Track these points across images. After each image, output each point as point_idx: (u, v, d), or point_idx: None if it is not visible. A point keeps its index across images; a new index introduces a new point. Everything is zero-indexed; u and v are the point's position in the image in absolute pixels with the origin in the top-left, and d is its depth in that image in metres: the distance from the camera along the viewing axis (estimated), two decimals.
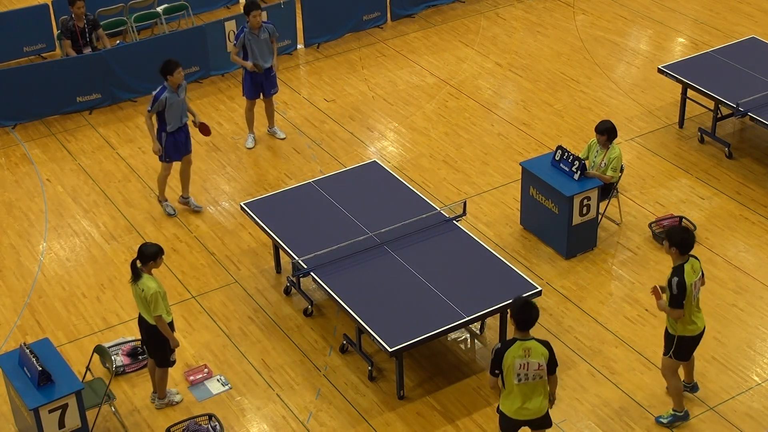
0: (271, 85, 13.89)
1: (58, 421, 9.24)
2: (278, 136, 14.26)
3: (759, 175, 13.34)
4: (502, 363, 8.57)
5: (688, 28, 16.95)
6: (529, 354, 8.53)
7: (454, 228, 11.34)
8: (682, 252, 9.25)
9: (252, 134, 14.15)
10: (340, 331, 11.10)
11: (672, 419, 9.92)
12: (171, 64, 12.18)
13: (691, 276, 9.25)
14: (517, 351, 8.53)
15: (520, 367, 8.54)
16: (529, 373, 8.58)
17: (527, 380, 8.61)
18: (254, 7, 13.44)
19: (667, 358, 9.62)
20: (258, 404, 10.35)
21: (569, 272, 11.88)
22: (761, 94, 13.35)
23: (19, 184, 13.68)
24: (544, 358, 8.58)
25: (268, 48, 13.67)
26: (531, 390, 8.68)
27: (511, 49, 16.48)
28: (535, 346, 8.56)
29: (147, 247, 9.62)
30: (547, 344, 8.66)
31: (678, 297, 9.20)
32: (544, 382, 8.70)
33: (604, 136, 11.88)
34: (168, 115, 12.24)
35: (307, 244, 11.01)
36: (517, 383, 8.61)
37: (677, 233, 9.30)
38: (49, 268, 12.19)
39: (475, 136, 14.33)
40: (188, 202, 12.94)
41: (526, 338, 8.57)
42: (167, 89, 12.14)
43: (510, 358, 8.54)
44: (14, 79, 14.68)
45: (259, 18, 13.44)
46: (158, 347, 9.82)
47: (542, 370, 8.60)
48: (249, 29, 13.47)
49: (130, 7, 16.52)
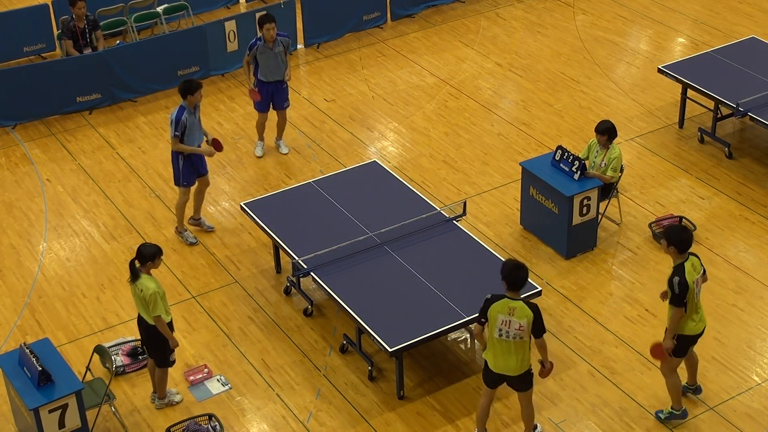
0: (282, 98, 13.56)
1: (58, 421, 9.24)
2: (281, 150, 13.96)
3: (759, 175, 13.35)
4: (488, 312, 9.00)
5: (688, 28, 16.95)
6: (513, 313, 8.90)
7: (454, 228, 11.34)
8: (681, 251, 9.26)
9: (262, 142, 13.93)
10: (340, 331, 11.10)
11: (669, 416, 9.92)
12: (193, 84, 11.75)
13: (692, 274, 9.26)
14: (503, 307, 8.92)
15: (502, 323, 8.93)
16: (510, 331, 8.94)
17: (507, 338, 8.98)
18: (268, 20, 13.04)
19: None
20: (258, 404, 10.35)
21: (569, 272, 11.88)
22: (761, 94, 13.35)
23: (19, 184, 13.69)
24: (528, 320, 8.91)
25: (281, 61, 13.30)
26: (508, 348, 9.02)
27: (511, 49, 16.48)
28: (521, 307, 8.90)
29: (146, 247, 9.62)
30: (535, 308, 8.95)
31: (680, 296, 9.21)
32: (524, 344, 9.03)
33: (604, 136, 11.88)
34: (187, 138, 11.84)
35: (307, 244, 11.01)
36: (497, 337, 9.01)
37: (675, 232, 9.30)
38: (49, 268, 12.19)
39: (475, 136, 14.33)
40: (200, 223, 12.59)
41: (515, 298, 8.96)
42: (186, 110, 11.75)
43: (495, 311, 8.95)
44: (14, 79, 14.68)
45: (273, 32, 13.04)
46: (158, 347, 9.82)
47: (522, 331, 8.92)
48: (263, 42, 13.14)
49: (130, 7, 16.52)
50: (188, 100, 11.74)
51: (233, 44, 15.76)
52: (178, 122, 11.71)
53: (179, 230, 12.45)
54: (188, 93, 11.71)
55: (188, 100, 11.74)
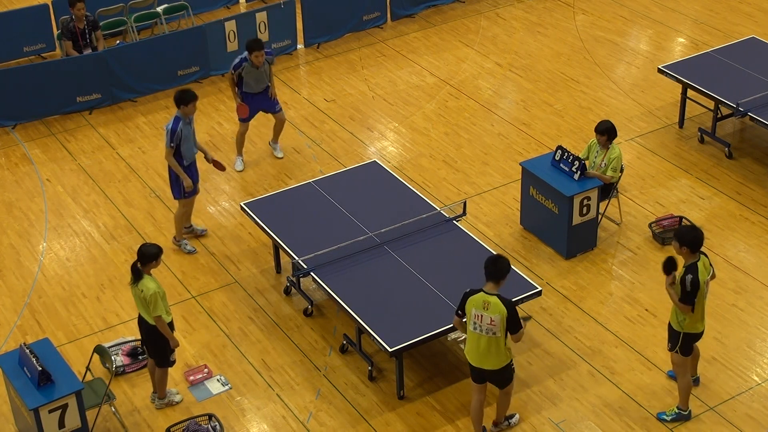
0: (272, 103, 13.52)
1: (58, 421, 9.24)
2: (276, 154, 13.93)
3: (759, 175, 13.35)
4: (465, 306, 9.15)
5: (688, 28, 16.95)
6: (487, 308, 9.02)
7: (454, 228, 11.34)
8: (693, 250, 9.30)
9: (241, 157, 13.79)
10: (340, 331, 11.10)
11: (675, 417, 9.91)
12: (189, 95, 11.65)
13: (704, 274, 9.28)
14: (478, 301, 9.05)
15: (475, 317, 9.07)
16: (482, 325, 9.06)
17: (480, 332, 9.10)
18: (257, 47, 12.98)
19: (675, 354, 9.63)
20: (258, 404, 10.35)
21: (569, 272, 11.88)
22: (761, 94, 13.35)
23: (19, 184, 13.69)
24: (501, 316, 8.99)
25: (266, 74, 13.32)
26: (482, 342, 9.14)
27: (511, 49, 16.49)
28: (495, 302, 9.01)
29: (147, 247, 9.62)
30: (509, 304, 9.02)
31: (691, 294, 9.24)
32: (498, 340, 9.10)
33: (604, 136, 11.88)
34: (184, 149, 11.78)
35: (307, 244, 11.01)
36: (471, 330, 9.16)
37: (687, 232, 9.35)
38: (49, 268, 12.19)
39: (475, 136, 14.33)
40: (192, 230, 12.52)
41: (490, 292, 9.06)
42: (182, 120, 11.66)
43: (470, 305, 9.10)
44: (14, 79, 14.69)
45: (261, 58, 13.02)
46: (158, 347, 9.82)
47: (495, 326, 9.02)
48: (250, 62, 13.12)
49: (130, 7, 16.52)
50: (182, 110, 11.65)
51: (233, 44, 15.77)
52: (174, 133, 11.61)
53: (177, 240, 12.38)
54: (182, 103, 11.61)
55: (182, 110, 11.65)
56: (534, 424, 10.00)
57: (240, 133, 13.73)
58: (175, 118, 11.67)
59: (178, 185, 11.99)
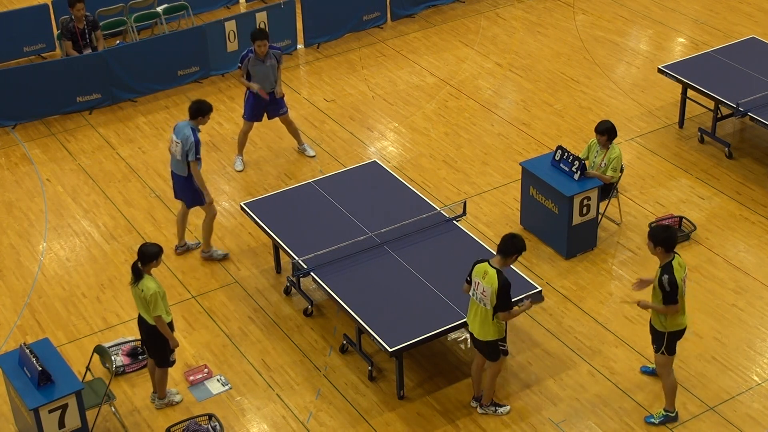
0: (278, 107, 13.46)
1: (58, 421, 9.24)
2: (308, 153, 13.87)
3: (759, 175, 13.35)
4: (472, 273, 9.51)
5: (688, 28, 16.95)
6: (484, 277, 9.34)
7: (454, 228, 11.34)
8: (668, 250, 9.32)
9: (241, 156, 13.76)
10: (340, 331, 11.10)
11: (663, 419, 9.92)
12: (207, 106, 11.50)
13: (680, 272, 9.30)
14: (480, 270, 9.42)
15: (475, 284, 9.47)
16: (477, 293, 9.44)
17: (476, 299, 9.48)
18: (259, 37, 12.97)
19: (660, 355, 9.62)
20: (258, 404, 10.35)
21: (569, 272, 11.88)
22: (761, 94, 13.35)
23: (19, 184, 13.69)
24: (492, 289, 9.27)
25: (272, 73, 13.26)
26: (475, 309, 9.50)
27: (511, 49, 16.49)
28: (492, 274, 9.31)
29: (147, 247, 9.62)
30: (503, 281, 9.26)
31: (672, 293, 9.26)
32: (486, 312, 9.37)
33: (604, 136, 11.88)
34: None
35: (307, 244, 11.01)
36: (471, 294, 9.57)
37: (659, 232, 9.37)
38: (49, 268, 12.19)
39: (475, 136, 14.33)
40: (188, 247, 12.30)
41: (494, 265, 9.39)
42: (197, 131, 11.52)
43: (474, 273, 9.48)
44: (14, 79, 14.68)
45: (264, 48, 12.99)
46: (158, 347, 9.82)
47: (485, 297, 9.33)
48: (255, 54, 13.10)
49: (130, 7, 16.52)
50: (200, 120, 11.51)
51: (233, 44, 15.77)
52: (198, 144, 11.44)
53: (205, 251, 12.13)
54: (201, 114, 11.45)
55: (200, 120, 11.51)
56: (534, 424, 10.00)
57: (243, 132, 13.71)
58: (193, 129, 11.45)
59: (195, 192, 11.76)
